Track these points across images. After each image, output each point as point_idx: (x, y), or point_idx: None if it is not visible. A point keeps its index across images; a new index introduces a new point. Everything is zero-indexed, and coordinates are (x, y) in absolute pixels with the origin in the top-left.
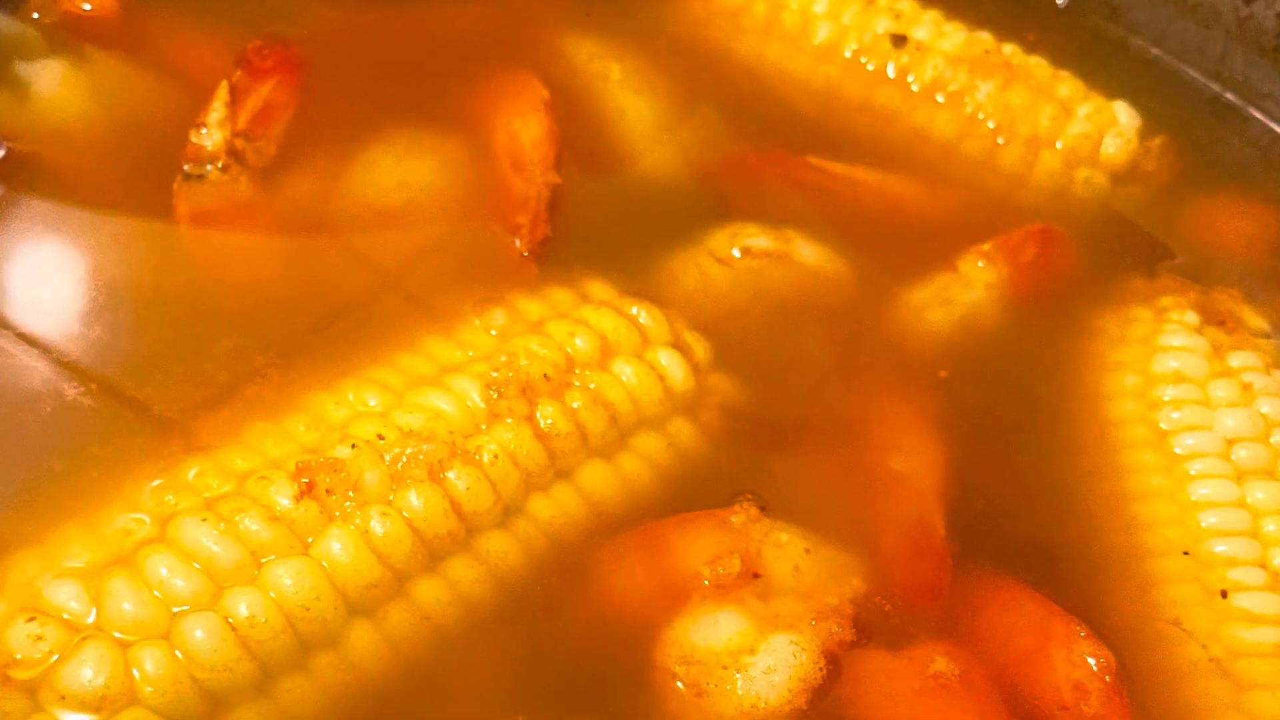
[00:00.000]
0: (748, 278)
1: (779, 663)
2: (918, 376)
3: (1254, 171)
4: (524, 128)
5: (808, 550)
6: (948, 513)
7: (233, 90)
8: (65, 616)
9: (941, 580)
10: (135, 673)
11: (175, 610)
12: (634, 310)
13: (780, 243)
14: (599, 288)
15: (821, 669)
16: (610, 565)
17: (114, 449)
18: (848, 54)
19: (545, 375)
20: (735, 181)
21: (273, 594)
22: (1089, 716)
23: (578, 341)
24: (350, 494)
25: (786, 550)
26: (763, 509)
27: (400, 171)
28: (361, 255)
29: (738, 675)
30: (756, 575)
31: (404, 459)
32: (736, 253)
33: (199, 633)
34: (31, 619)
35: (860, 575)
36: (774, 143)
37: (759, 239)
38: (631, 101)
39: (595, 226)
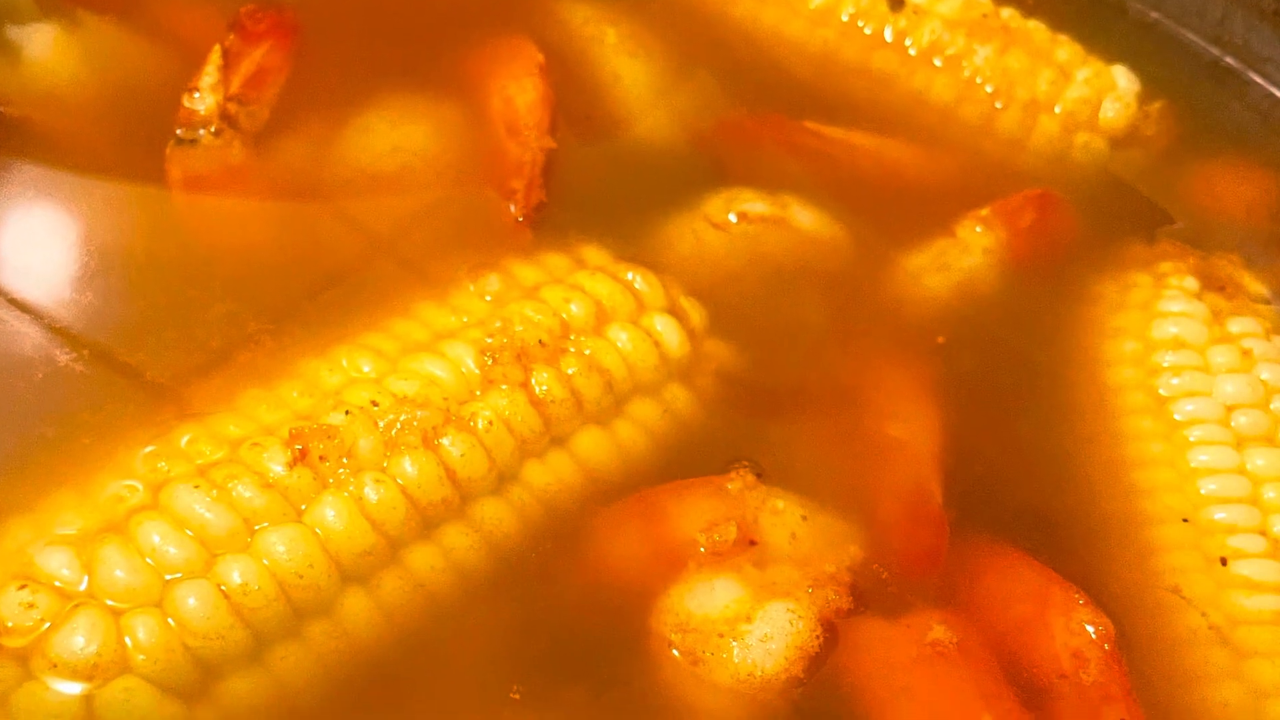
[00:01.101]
0: (744, 243)
1: (775, 631)
2: (915, 342)
3: (1254, 136)
4: (519, 92)
5: (804, 517)
6: (945, 480)
7: (226, 54)
8: (57, 584)
9: (939, 548)
10: (127, 641)
11: (168, 578)
12: (629, 276)
13: (777, 208)
14: (594, 253)
15: (818, 637)
16: (606, 532)
17: (106, 415)
18: (845, 17)
19: (540, 341)
20: (731, 146)
21: (266, 561)
22: (1087, 685)
23: (573, 307)
24: (344, 461)
25: (783, 517)
26: (759, 476)
27: (394, 136)
28: (355, 220)
29: (734, 643)
30: (753, 543)
31: (398, 425)
32: (733, 218)
33: (191, 600)
34: (23, 586)
35: (857, 543)
36: (770, 107)
37: (755, 204)
38: (627, 66)
39: (590, 191)
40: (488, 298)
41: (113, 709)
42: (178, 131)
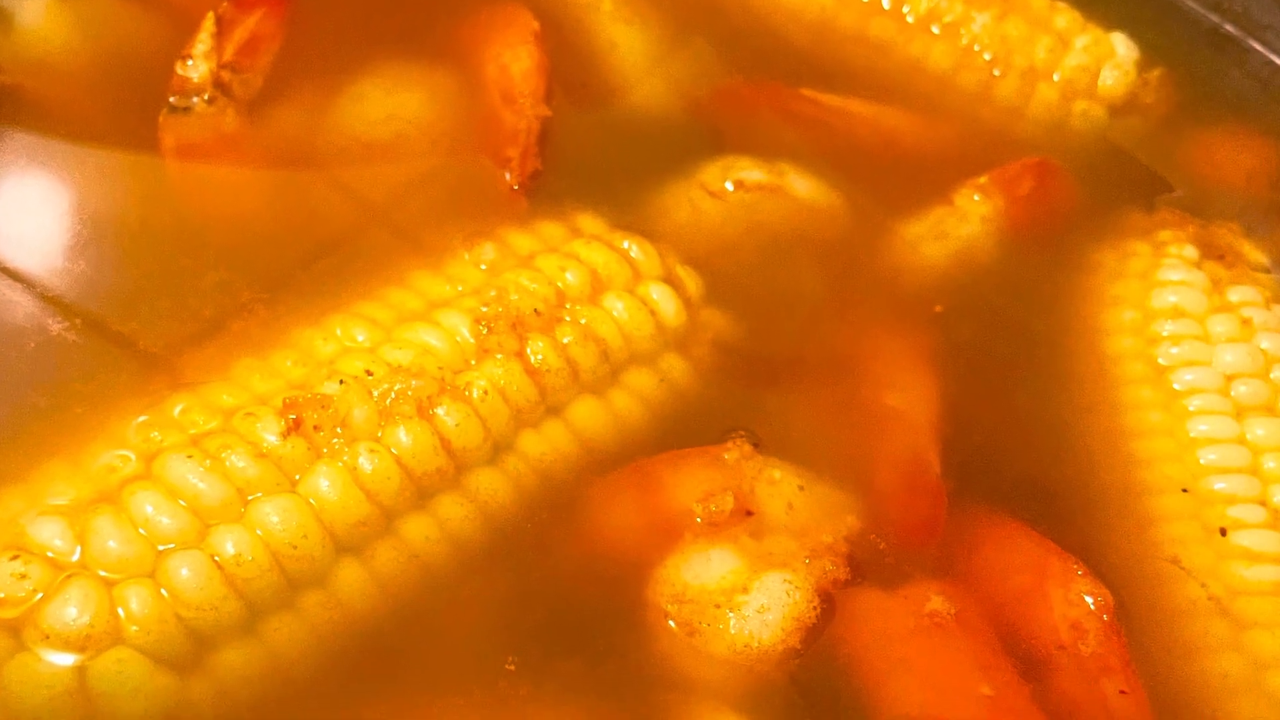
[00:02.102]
0: (741, 211)
1: (772, 601)
2: (913, 311)
3: (1253, 104)
4: (514, 60)
5: (801, 488)
6: (943, 450)
7: (219, 21)
8: (49, 555)
9: (937, 518)
10: (120, 612)
11: (161, 548)
12: (625, 244)
13: (774, 176)
14: (590, 221)
15: (815, 608)
16: (602, 503)
17: (98, 385)
18: None
19: (535, 310)
20: (728, 114)
21: (259, 532)
22: (1086, 656)
23: (568, 276)
24: (338, 430)
25: (780, 487)
26: (756, 446)
27: (389, 104)
28: (349, 189)
29: (730, 614)
30: (749, 513)
31: (392, 395)
32: (729, 186)
33: (185, 571)
34: (15, 557)
35: (855, 513)
36: (767, 74)
37: (752, 172)
38: (623, 33)
39: (586, 160)
40: (483, 267)
41: (105, 680)
42: (171, 99)
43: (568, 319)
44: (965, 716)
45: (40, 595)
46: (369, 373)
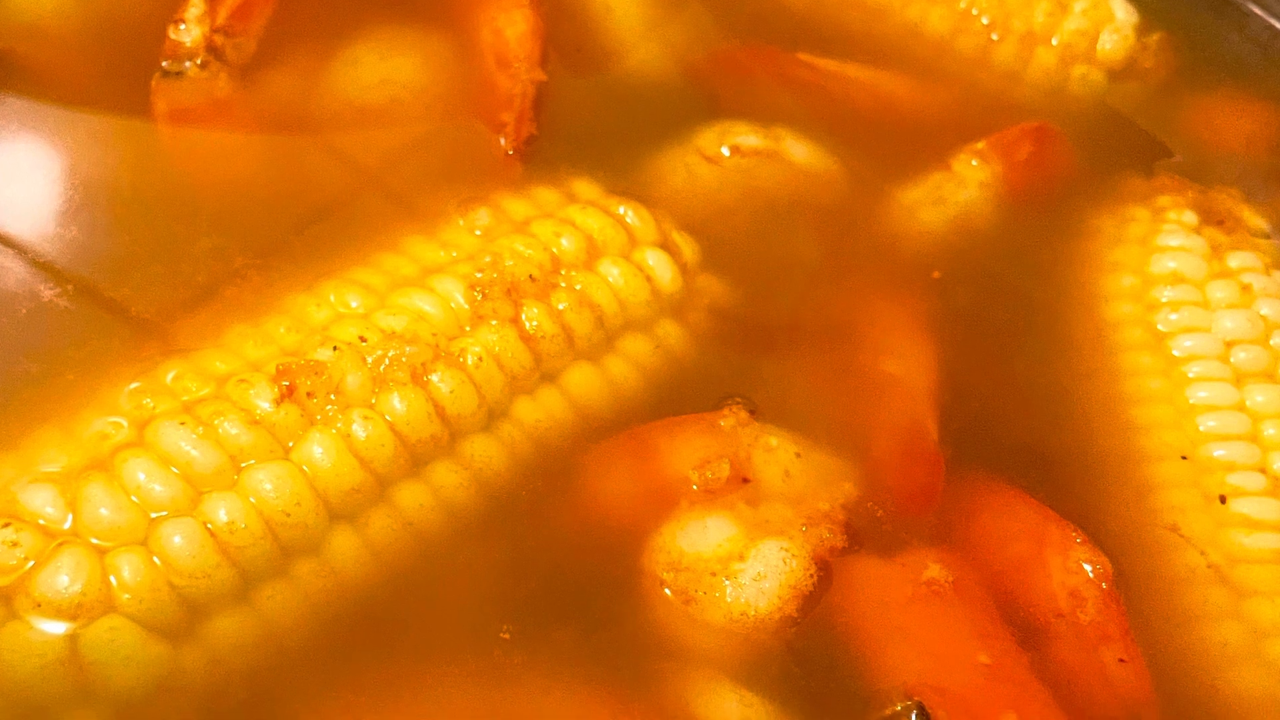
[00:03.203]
0: (737, 177)
1: (769, 569)
2: (910, 278)
3: (1253, 68)
4: (509, 24)
5: (798, 455)
6: (941, 416)
7: None
8: (41, 522)
9: (934, 485)
10: (112, 580)
11: (153, 516)
12: (621, 210)
13: (770, 141)
14: (585, 187)
15: (812, 576)
16: (597, 470)
17: (90, 351)
18: None
19: (530, 276)
20: (724, 79)
21: (253, 499)
22: (1085, 624)
23: (563, 242)
24: (331, 397)
25: (777, 455)
26: (752, 413)
27: (383, 69)
28: (343, 154)
29: (726, 582)
30: (746, 480)
31: (386, 361)
32: (725, 151)
33: (177, 539)
34: (6, 525)
35: (852, 480)
36: (764, 38)
37: (748, 137)
38: None
39: (581, 125)
40: (477, 232)
41: (97, 648)
42: (163, 64)
43: (563, 285)
44: (963, 684)
45: (32, 563)
46: (363, 339)
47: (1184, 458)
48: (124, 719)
